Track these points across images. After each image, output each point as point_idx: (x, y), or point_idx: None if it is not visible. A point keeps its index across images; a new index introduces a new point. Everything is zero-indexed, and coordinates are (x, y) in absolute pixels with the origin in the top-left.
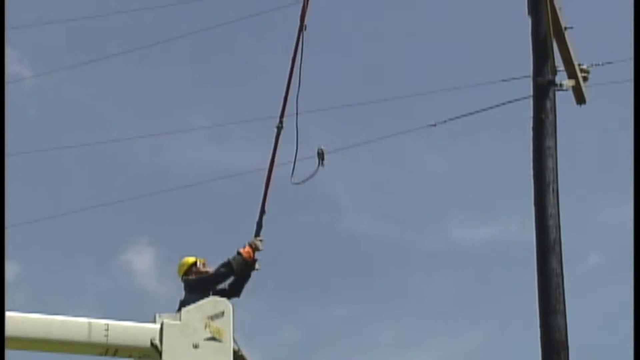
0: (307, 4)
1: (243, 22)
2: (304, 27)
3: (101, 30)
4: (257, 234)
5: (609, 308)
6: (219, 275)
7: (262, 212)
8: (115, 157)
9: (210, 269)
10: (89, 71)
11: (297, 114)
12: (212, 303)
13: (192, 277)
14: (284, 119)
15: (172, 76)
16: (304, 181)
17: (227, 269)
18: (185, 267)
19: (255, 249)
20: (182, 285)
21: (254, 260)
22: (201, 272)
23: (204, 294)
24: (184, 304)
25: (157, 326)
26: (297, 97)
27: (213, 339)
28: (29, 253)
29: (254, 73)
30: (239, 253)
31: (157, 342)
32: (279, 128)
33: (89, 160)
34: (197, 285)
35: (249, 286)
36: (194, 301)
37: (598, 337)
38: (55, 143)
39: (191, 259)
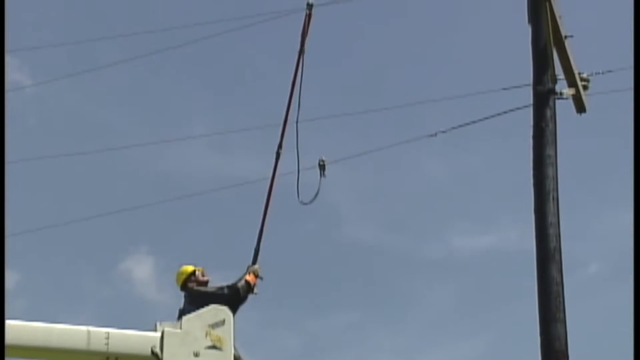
0: (308, 29)
1: (244, 30)
2: (303, 51)
3: (101, 38)
4: (255, 261)
5: (609, 316)
6: (223, 296)
7: (260, 238)
8: (116, 165)
9: (210, 277)
10: (89, 79)
11: (297, 139)
12: (212, 311)
13: (195, 287)
14: (284, 141)
15: (172, 84)
16: (311, 201)
17: (232, 292)
18: (184, 276)
19: (257, 276)
20: (183, 293)
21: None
22: (200, 281)
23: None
24: (183, 313)
25: (158, 334)
26: (296, 122)
27: (214, 347)
28: (29, 261)
29: (255, 80)
30: (246, 281)
31: (157, 350)
32: (278, 154)
33: (90, 168)
34: (199, 299)
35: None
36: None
37: (598, 346)
38: (56, 151)
39: (190, 268)
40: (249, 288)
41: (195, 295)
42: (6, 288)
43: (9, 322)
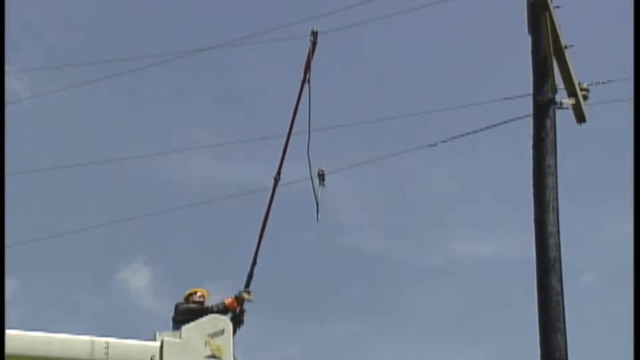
0: (312, 57)
1: (246, 41)
2: (309, 80)
3: (102, 48)
4: (247, 285)
5: (610, 325)
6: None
7: (254, 263)
8: (116, 176)
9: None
10: (90, 89)
11: (309, 166)
12: (212, 321)
13: (185, 304)
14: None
15: (174, 93)
16: (318, 218)
17: (218, 310)
18: (186, 294)
19: (242, 300)
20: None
21: (242, 312)
22: (195, 302)
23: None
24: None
25: (157, 344)
26: (308, 148)
27: (213, 356)
28: (25, 271)
29: (258, 90)
30: (224, 305)
31: (157, 359)
32: (276, 180)
33: (90, 178)
34: (188, 315)
35: (250, 304)
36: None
37: (598, 356)
38: (56, 162)
39: (199, 290)
40: (226, 311)
41: (183, 312)
42: (6, 298)
43: (9, 332)
